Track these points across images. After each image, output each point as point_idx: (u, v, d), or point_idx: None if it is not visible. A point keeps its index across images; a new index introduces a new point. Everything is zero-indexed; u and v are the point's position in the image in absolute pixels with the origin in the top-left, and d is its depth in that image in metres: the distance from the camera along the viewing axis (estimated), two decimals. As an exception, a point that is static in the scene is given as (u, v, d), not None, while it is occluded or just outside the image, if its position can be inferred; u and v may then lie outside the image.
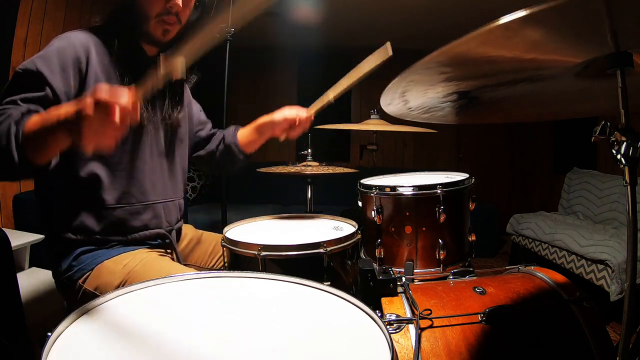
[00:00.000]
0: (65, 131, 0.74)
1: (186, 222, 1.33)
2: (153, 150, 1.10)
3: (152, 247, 1.11)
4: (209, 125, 1.41)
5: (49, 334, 0.53)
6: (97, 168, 1.00)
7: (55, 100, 0.90)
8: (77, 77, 0.95)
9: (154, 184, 1.10)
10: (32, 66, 0.90)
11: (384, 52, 1.15)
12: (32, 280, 1.70)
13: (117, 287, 0.96)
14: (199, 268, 1.28)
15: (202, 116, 1.40)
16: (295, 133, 1.27)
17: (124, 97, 0.67)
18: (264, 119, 1.28)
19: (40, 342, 0.52)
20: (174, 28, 1.04)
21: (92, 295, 0.96)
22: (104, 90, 0.67)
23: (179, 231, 1.25)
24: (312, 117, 1.26)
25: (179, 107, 1.19)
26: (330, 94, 1.20)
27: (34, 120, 0.78)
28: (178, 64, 0.71)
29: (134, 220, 1.06)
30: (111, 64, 1.00)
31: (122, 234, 1.05)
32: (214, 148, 1.36)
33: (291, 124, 1.25)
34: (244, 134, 1.34)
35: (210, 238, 1.34)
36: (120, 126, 0.67)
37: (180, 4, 1.01)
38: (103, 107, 0.66)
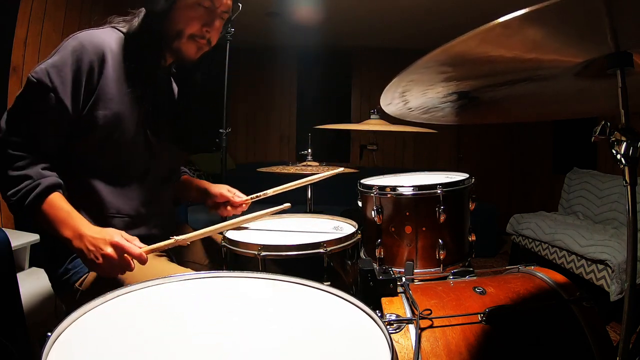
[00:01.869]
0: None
1: (186, 222, 1.33)
2: (160, 165, 1.11)
3: None
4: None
5: (49, 334, 0.53)
6: (94, 181, 1.00)
7: (65, 112, 0.91)
8: (88, 85, 0.93)
9: (157, 198, 1.11)
10: (46, 78, 0.88)
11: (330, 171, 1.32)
12: (32, 280, 1.70)
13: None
14: (199, 266, 1.28)
15: None
16: (225, 212, 1.28)
17: (142, 258, 0.83)
18: (203, 183, 1.30)
19: (40, 342, 0.52)
20: (204, 48, 1.05)
21: (90, 298, 0.96)
22: (120, 243, 0.82)
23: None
24: (246, 205, 1.28)
25: (190, 127, 1.20)
26: (270, 192, 1.28)
27: (52, 205, 0.88)
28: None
29: (137, 232, 1.06)
30: (127, 70, 0.98)
31: None
32: None
33: (225, 201, 1.27)
34: (180, 183, 1.33)
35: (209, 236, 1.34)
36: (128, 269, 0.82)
37: (214, 32, 1.02)
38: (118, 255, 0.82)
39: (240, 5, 1.14)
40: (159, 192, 1.13)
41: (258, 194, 1.28)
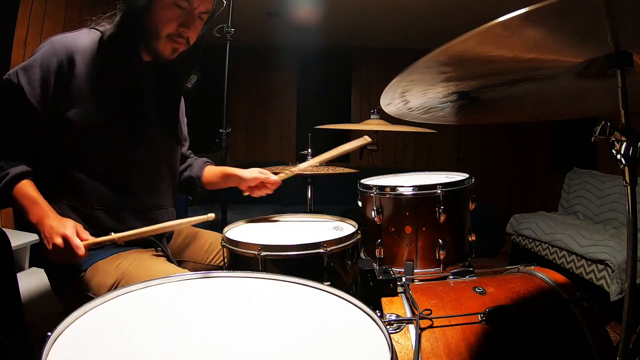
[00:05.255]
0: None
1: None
2: (145, 160, 1.10)
3: (144, 247, 1.11)
4: (187, 143, 1.38)
5: (49, 334, 0.53)
6: (84, 177, 1.01)
7: (34, 112, 0.94)
8: (59, 84, 0.95)
9: (144, 192, 1.10)
10: (15, 79, 0.94)
11: (363, 140, 1.41)
12: (32, 280, 1.70)
13: (111, 287, 0.97)
14: (195, 264, 1.28)
15: (184, 131, 1.37)
16: (260, 193, 1.33)
17: (80, 250, 0.85)
18: (233, 170, 1.31)
19: (40, 342, 0.52)
20: (181, 48, 1.05)
21: (87, 297, 0.97)
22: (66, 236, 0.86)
23: (169, 235, 1.24)
24: (279, 183, 1.32)
25: (176, 121, 1.20)
26: (300, 167, 1.37)
27: (20, 193, 0.92)
28: None
29: (123, 226, 1.06)
30: (101, 68, 0.99)
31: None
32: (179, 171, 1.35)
33: (258, 183, 1.30)
34: (210, 173, 1.35)
35: (206, 235, 1.34)
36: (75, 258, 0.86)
37: (192, 32, 1.03)
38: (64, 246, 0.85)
39: (225, 1, 1.14)
40: (150, 186, 1.12)
41: (285, 171, 1.34)
